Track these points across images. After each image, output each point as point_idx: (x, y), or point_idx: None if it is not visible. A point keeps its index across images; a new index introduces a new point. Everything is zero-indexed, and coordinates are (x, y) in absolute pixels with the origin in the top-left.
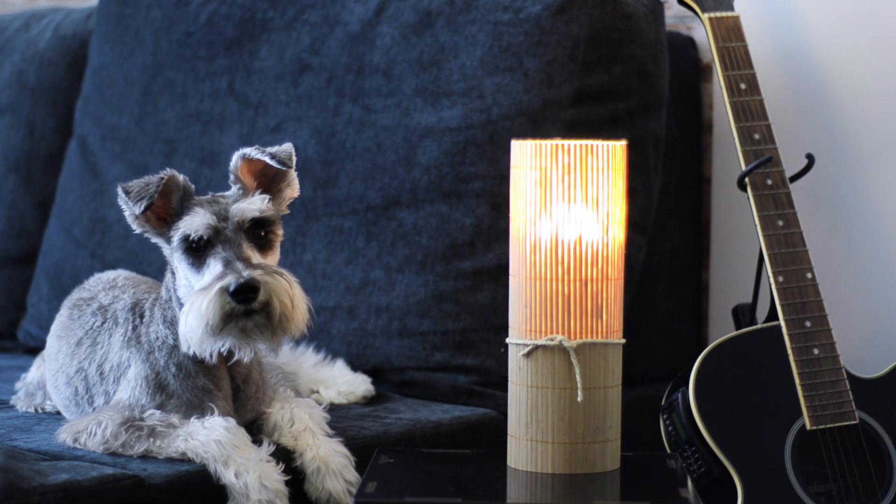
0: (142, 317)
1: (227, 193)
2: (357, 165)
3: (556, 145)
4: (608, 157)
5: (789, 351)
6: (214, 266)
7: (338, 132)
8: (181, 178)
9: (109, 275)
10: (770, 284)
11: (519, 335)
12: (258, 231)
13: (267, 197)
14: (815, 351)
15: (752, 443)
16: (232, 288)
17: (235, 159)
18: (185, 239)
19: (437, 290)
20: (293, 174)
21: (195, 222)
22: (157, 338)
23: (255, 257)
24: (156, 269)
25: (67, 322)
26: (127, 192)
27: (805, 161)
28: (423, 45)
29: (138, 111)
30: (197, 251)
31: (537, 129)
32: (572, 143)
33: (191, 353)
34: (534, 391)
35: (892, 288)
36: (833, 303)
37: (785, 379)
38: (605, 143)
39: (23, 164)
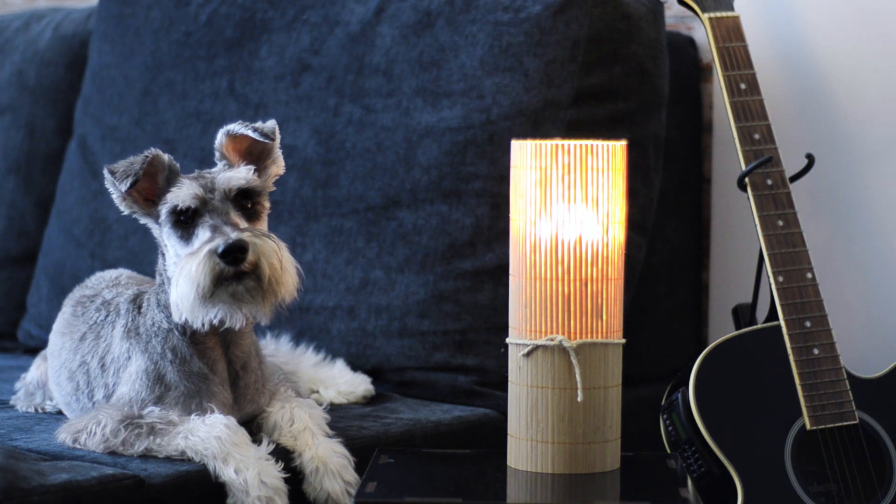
0: (140, 308)
1: (212, 170)
2: (357, 165)
3: (556, 145)
4: (608, 157)
5: (789, 351)
6: (203, 234)
7: (338, 132)
8: (166, 157)
9: (111, 273)
10: (770, 284)
11: (519, 335)
12: (245, 202)
13: (252, 168)
14: (815, 351)
15: (752, 443)
16: (221, 249)
17: (220, 136)
18: (173, 211)
19: (437, 290)
20: (278, 151)
21: (182, 193)
22: (153, 324)
23: (243, 223)
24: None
25: (71, 319)
26: (113, 173)
27: (805, 161)
28: (423, 45)
29: (138, 111)
30: (185, 223)
31: (537, 129)
32: (572, 143)
33: (182, 320)
34: (534, 391)
35: (892, 288)
36: (833, 303)
37: (785, 379)
38: (605, 143)
39: (23, 164)
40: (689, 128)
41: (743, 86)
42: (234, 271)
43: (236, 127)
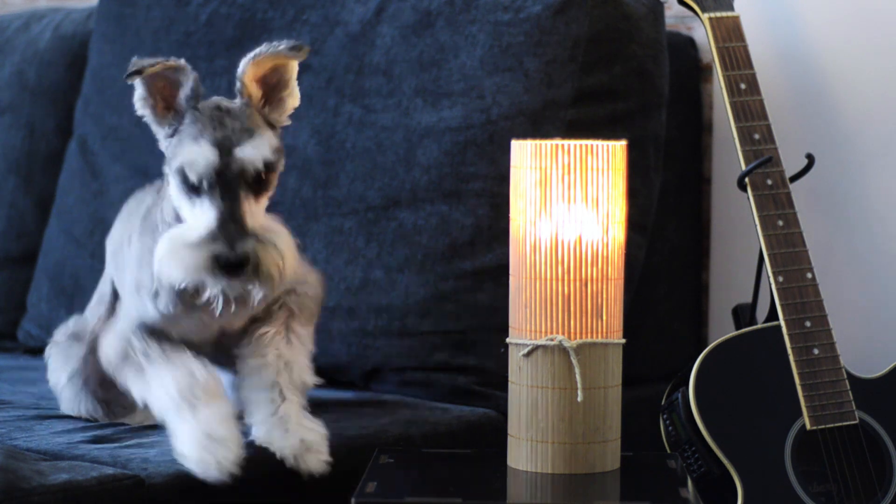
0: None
1: (233, 107)
2: (357, 165)
3: (556, 145)
4: (608, 157)
5: (789, 351)
6: (208, 213)
7: (338, 132)
8: (192, 74)
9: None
10: (770, 284)
11: (519, 335)
12: (259, 173)
13: (277, 140)
14: (815, 351)
15: (752, 443)
16: (222, 262)
17: (244, 65)
18: (182, 172)
19: (437, 290)
20: (294, 82)
21: (196, 158)
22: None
23: (251, 211)
24: None
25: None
26: (132, 62)
27: (805, 161)
28: (423, 45)
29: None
30: (192, 184)
31: (537, 129)
32: (572, 143)
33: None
34: (534, 391)
35: (892, 288)
36: (833, 303)
37: (785, 379)
38: (605, 143)
39: (23, 164)
40: (689, 128)
41: (743, 86)
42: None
43: (263, 49)
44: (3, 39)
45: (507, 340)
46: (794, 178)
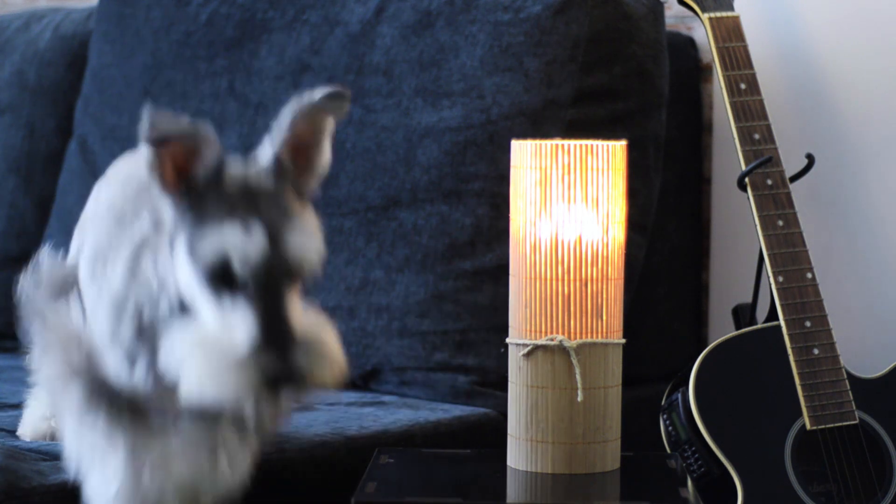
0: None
1: (266, 188)
2: (357, 165)
3: (556, 145)
4: (608, 157)
5: (789, 351)
6: (246, 316)
7: (337, 132)
8: (217, 145)
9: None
10: (770, 284)
11: (519, 335)
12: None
13: (316, 219)
14: (815, 351)
15: (752, 443)
16: (273, 379)
17: (279, 139)
18: (213, 262)
19: (437, 290)
20: (327, 142)
21: (244, 248)
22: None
23: (295, 312)
24: None
25: None
26: (151, 121)
27: (805, 161)
28: (423, 45)
29: (138, 111)
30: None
31: (537, 129)
32: (572, 143)
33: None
34: (534, 391)
35: (892, 288)
36: (833, 303)
37: (785, 379)
38: (605, 143)
39: (23, 164)
40: (689, 128)
41: (743, 86)
42: None
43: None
44: (3, 39)
45: (507, 340)
46: (794, 178)
